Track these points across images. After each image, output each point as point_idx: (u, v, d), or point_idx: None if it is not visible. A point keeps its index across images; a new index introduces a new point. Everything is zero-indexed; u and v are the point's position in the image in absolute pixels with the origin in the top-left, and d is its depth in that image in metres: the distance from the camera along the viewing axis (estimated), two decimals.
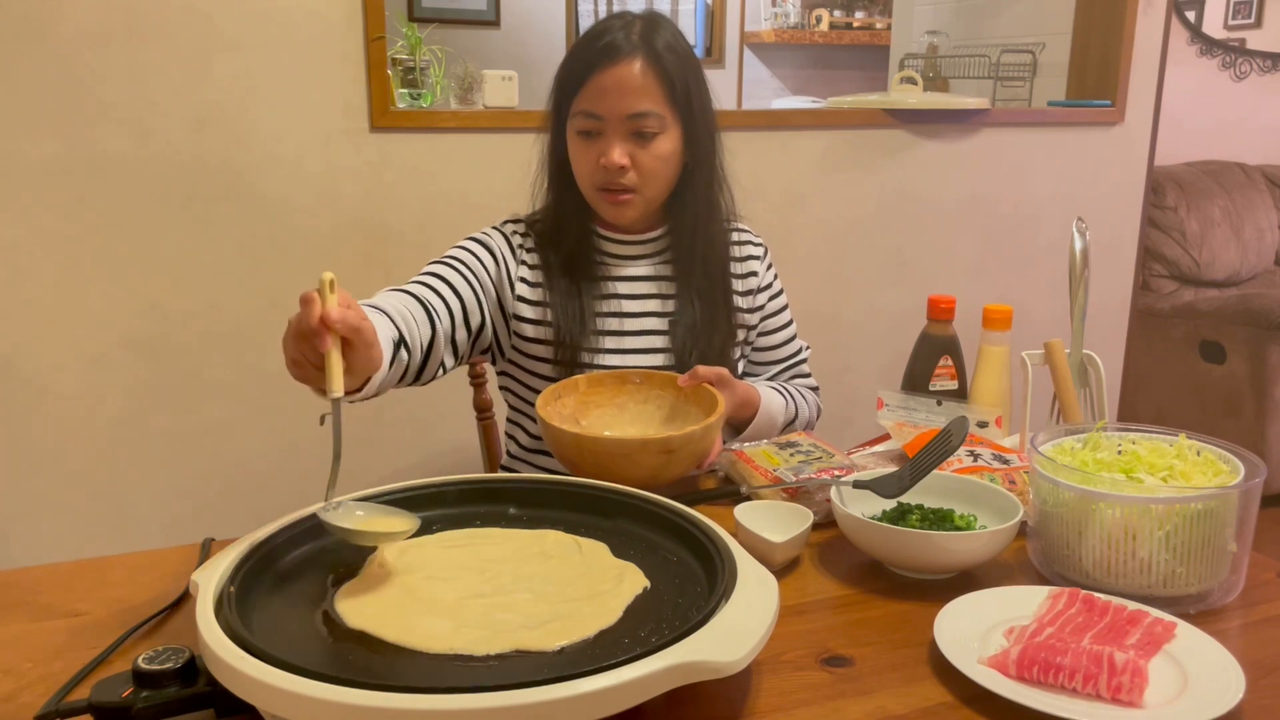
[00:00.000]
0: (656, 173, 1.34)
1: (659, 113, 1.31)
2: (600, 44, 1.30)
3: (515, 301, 1.38)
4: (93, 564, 1.03)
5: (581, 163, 1.34)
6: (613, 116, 1.30)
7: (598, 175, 1.33)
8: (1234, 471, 0.98)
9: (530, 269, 1.40)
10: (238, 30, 1.88)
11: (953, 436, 1.04)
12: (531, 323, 1.38)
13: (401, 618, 0.81)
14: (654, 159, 1.32)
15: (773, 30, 4.54)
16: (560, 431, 1.15)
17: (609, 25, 1.32)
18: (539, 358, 1.39)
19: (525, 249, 1.41)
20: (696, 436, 1.15)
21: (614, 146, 1.30)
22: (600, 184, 1.34)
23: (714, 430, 1.18)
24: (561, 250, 1.39)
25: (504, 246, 1.40)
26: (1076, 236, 1.33)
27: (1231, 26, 3.79)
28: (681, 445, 1.13)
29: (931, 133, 2.48)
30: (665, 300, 1.42)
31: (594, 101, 1.30)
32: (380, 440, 2.13)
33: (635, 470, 1.13)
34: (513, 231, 1.42)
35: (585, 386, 1.29)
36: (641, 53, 1.30)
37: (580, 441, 1.14)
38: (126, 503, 1.99)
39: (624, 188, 1.33)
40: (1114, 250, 2.76)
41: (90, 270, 1.88)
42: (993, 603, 0.92)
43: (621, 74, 1.29)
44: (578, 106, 1.32)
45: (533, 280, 1.39)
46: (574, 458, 1.16)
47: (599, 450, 1.14)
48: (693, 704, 0.78)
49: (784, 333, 1.53)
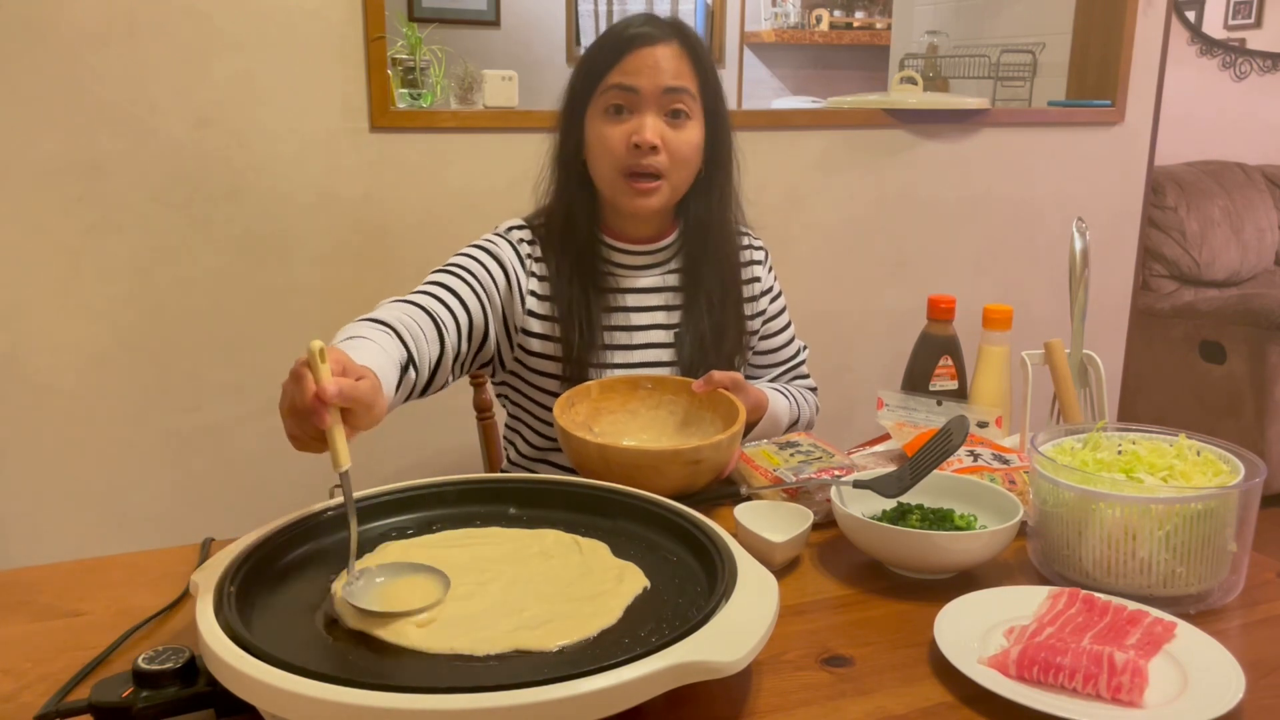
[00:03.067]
0: (686, 159, 1.32)
1: (691, 92, 1.31)
2: (632, 32, 1.30)
3: (525, 316, 1.35)
4: (93, 564, 1.03)
5: (609, 143, 1.30)
6: (649, 89, 1.28)
7: (626, 157, 1.29)
8: (1234, 471, 0.98)
9: (539, 280, 1.36)
10: (238, 30, 1.88)
11: (953, 436, 1.04)
12: (539, 337, 1.35)
13: (400, 620, 0.81)
14: (684, 143, 1.31)
15: (773, 30, 4.54)
16: (585, 443, 1.12)
17: (634, 20, 1.32)
18: (543, 373, 1.36)
19: (533, 258, 1.37)
20: (722, 446, 1.13)
21: (647, 123, 1.28)
22: (628, 166, 1.30)
23: (738, 439, 1.17)
24: (569, 253, 1.35)
25: (513, 259, 1.35)
26: (1076, 236, 1.33)
27: (1231, 26, 3.79)
28: (710, 455, 1.12)
29: (931, 133, 2.48)
30: (671, 311, 1.40)
31: (630, 75, 1.28)
32: (380, 440, 2.13)
33: (660, 480, 1.10)
34: (519, 240, 1.37)
35: (598, 393, 1.27)
36: (676, 37, 1.30)
37: (606, 453, 1.12)
38: (126, 503, 1.98)
39: (653, 171, 1.30)
40: (1114, 250, 2.76)
41: (90, 270, 1.88)
42: (993, 603, 0.92)
43: (659, 52, 1.29)
44: (609, 82, 1.29)
45: (541, 292, 1.35)
46: (599, 469, 1.12)
47: (626, 462, 1.11)
48: (693, 704, 0.78)
49: (784, 335, 1.53)
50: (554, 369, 1.35)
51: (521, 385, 1.40)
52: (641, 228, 1.39)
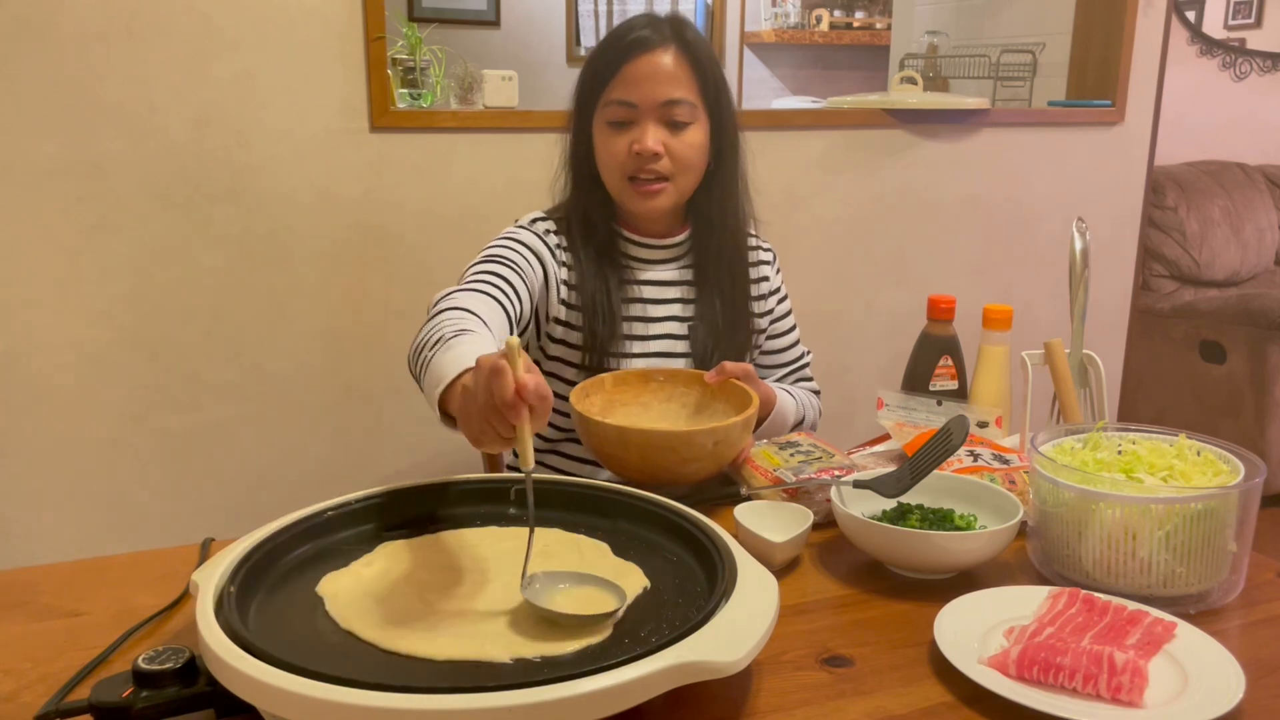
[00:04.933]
0: (690, 161, 1.33)
1: (692, 101, 1.31)
2: (631, 37, 1.31)
3: (558, 305, 1.37)
4: (93, 564, 1.03)
5: (612, 153, 1.33)
6: (646, 103, 1.30)
7: (629, 164, 1.32)
8: (1234, 471, 0.98)
9: (569, 270, 1.38)
10: (238, 30, 1.88)
11: (953, 436, 1.04)
12: (565, 325, 1.38)
13: (399, 620, 0.81)
14: (687, 147, 1.32)
15: (773, 30, 4.53)
16: (604, 426, 1.14)
17: (636, 23, 1.32)
18: (564, 360, 1.39)
19: (561, 248, 1.39)
20: (737, 429, 1.14)
21: (648, 132, 1.30)
22: (631, 172, 1.32)
23: (751, 424, 1.19)
24: (591, 246, 1.38)
25: (545, 250, 1.37)
26: (1076, 236, 1.33)
27: (1231, 26, 3.79)
28: (725, 437, 1.13)
29: (931, 133, 2.48)
30: (686, 305, 1.42)
31: (627, 89, 1.30)
32: (380, 440, 2.13)
33: (678, 463, 1.12)
34: (545, 231, 1.39)
35: (611, 385, 1.30)
36: (674, 43, 1.31)
37: (626, 435, 1.13)
38: (126, 503, 1.98)
39: (657, 175, 1.32)
40: (1114, 250, 2.76)
41: (90, 270, 1.88)
42: (993, 603, 0.92)
43: (655, 62, 1.30)
44: (609, 96, 1.31)
45: (572, 282, 1.38)
46: (618, 452, 1.15)
47: (645, 443, 1.13)
48: (693, 704, 0.78)
49: (789, 336, 1.54)
50: (574, 358, 1.38)
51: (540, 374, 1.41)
52: (655, 224, 1.42)
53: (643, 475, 1.14)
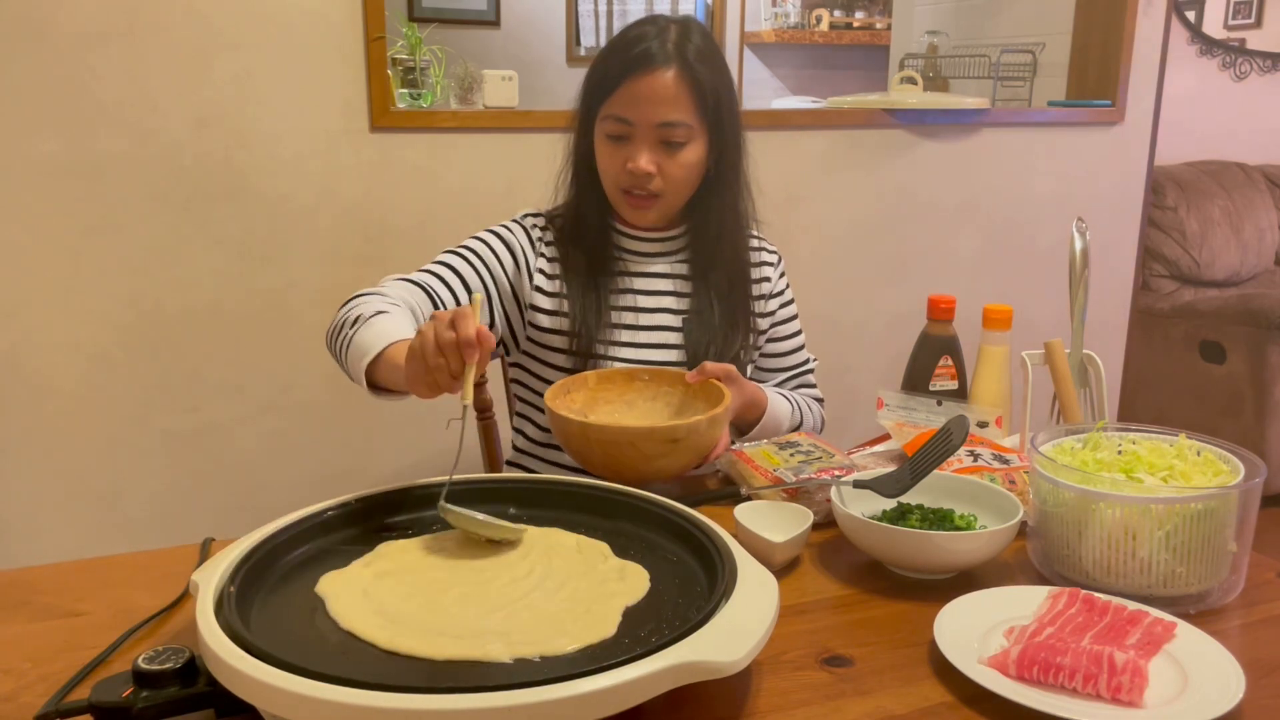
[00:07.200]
0: (683, 180, 1.36)
1: (688, 123, 1.32)
2: (635, 51, 1.30)
3: (533, 291, 1.40)
4: (93, 564, 1.03)
5: (608, 165, 1.36)
6: (643, 123, 1.31)
7: (623, 178, 1.35)
8: (1234, 471, 0.98)
9: (549, 261, 1.41)
10: (238, 30, 1.88)
11: (953, 436, 1.04)
12: (547, 313, 1.39)
13: (399, 620, 0.81)
14: (680, 167, 1.34)
15: (773, 30, 4.53)
16: (568, 421, 1.17)
17: (643, 31, 1.32)
18: (553, 348, 1.40)
19: (545, 242, 1.42)
20: (702, 427, 1.15)
21: (642, 153, 1.32)
22: (625, 186, 1.35)
23: (720, 422, 1.19)
24: (582, 245, 1.41)
25: (523, 240, 1.41)
26: (1076, 236, 1.33)
27: (1231, 26, 3.79)
28: (686, 435, 1.14)
29: (931, 133, 2.48)
30: (681, 298, 1.43)
31: (625, 107, 1.31)
32: (380, 440, 2.13)
33: (639, 459, 1.14)
34: (532, 225, 1.43)
35: (595, 382, 1.31)
36: (675, 62, 1.30)
37: (587, 430, 1.16)
38: (126, 503, 1.99)
39: (648, 193, 1.35)
40: (1114, 250, 2.76)
41: (90, 270, 1.88)
42: (993, 603, 0.92)
43: (655, 83, 1.30)
44: (608, 110, 1.33)
45: (550, 272, 1.41)
46: (581, 448, 1.17)
47: (605, 439, 1.15)
48: (693, 704, 0.78)
49: (793, 340, 1.54)
50: (563, 344, 1.39)
51: (533, 365, 1.44)
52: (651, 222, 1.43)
53: (607, 471, 1.16)
